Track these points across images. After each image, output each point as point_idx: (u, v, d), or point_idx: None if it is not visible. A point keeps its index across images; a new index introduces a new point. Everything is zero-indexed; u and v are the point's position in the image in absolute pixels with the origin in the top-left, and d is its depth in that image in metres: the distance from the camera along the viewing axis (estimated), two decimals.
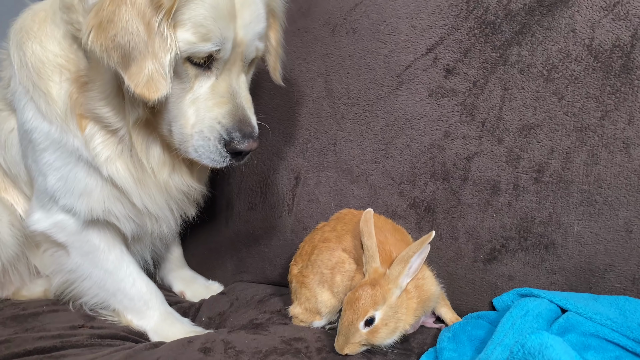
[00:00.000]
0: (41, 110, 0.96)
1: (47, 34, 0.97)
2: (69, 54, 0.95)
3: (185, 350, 0.88)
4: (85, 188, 0.99)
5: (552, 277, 0.95)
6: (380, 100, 1.09)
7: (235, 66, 0.90)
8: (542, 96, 0.95)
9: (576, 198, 0.93)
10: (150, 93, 0.80)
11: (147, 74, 0.80)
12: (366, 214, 0.90)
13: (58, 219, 1.03)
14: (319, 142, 1.17)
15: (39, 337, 0.96)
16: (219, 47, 0.84)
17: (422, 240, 0.85)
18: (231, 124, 0.88)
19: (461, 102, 1.01)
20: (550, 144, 0.94)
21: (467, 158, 1.01)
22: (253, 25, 0.88)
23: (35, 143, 0.99)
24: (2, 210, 1.13)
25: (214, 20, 0.82)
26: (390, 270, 0.84)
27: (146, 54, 0.79)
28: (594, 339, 0.80)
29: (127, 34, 0.77)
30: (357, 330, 0.81)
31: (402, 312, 0.84)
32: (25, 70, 0.97)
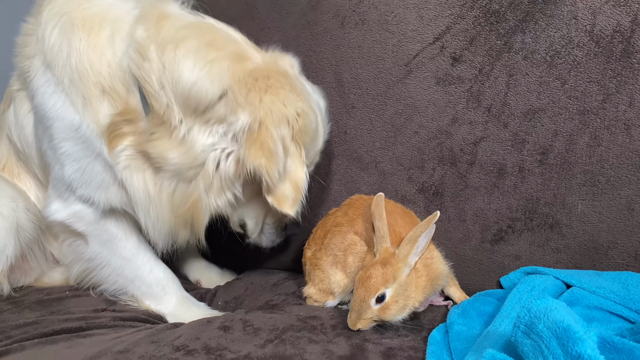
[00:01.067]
0: (76, 107, 0.97)
1: (98, 45, 0.97)
2: (117, 86, 0.96)
3: (205, 328, 0.92)
4: (102, 182, 1.01)
5: (557, 255, 0.98)
6: (389, 89, 1.12)
7: None
8: (546, 81, 0.98)
9: (580, 179, 0.96)
10: (291, 208, 0.97)
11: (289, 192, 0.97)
12: (377, 197, 0.94)
13: (76, 209, 1.05)
14: (330, 131, 1.19)
15: (64, 319, 1.00)
16: (311, 170, 1.03)
17: (428, 220, 0.88)
18: None
19: (467, 89, 1.05)
20: (554, 127, 0.98)
21: (474, 143, 1.04)
22: (321, 146, 1.07)
23: (56, 132, 1.00)
24: (18, 196, 1.16)
25: (316, 154, 1.05)
26: (399, 250, 0.87)
27: (286, 177, 0.95)
28: (598, 311, 0.84)
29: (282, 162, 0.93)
30: (368, 306, 0.85)
31: (412, 289, 0.87)
32: (63, 62, 0.98)
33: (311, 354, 0.81)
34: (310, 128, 0.95)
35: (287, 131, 0.92)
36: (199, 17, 1.00)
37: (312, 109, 0.97)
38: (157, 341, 0.87)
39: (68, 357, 0.82)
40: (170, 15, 0.97)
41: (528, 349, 0.59)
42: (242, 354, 0.81)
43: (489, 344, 0.73)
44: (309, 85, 1.04)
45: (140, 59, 0.92)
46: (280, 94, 0.92)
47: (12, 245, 1.12)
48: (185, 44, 0.92)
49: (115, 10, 1.00)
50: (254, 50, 0.98)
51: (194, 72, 0.91)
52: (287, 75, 0.96)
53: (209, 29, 0.97)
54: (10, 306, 1.08)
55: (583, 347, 0.53)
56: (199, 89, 0.90)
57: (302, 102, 0.94)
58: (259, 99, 0.90)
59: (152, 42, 0.92)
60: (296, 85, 0.96)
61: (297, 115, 0.92)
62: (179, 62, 0.91)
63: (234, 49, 0.95)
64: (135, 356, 0.82)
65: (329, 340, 0.85)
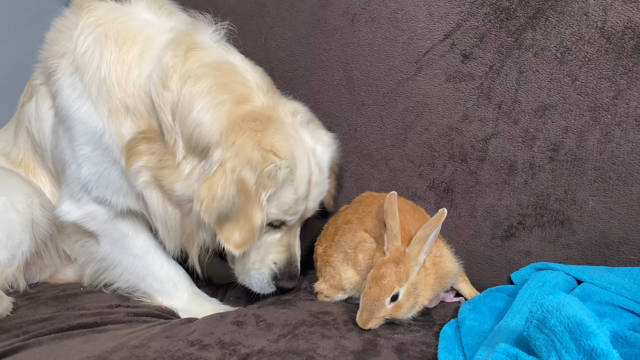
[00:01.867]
0: (102, 116, 1.00)
1: (127, 62, 0.99)
2: (139, 106, 0.99)
3: (219, 323, 0.93)
4: (120, 188, 1.04)
5: (568, 251, 0.99)
6: (399, 86, 1.13)
7: (296, 225, 1.06)
8: (557, 78, 0.98)
9: (591, 175, 0.96)
10: (237, 247, 0.96)
11: (237, 232, 0.95)
12: (390, 196, 0.94)
13: (90, 209, 1.07)
14: (340, 129, 1.20)
15: (80, 314, 1.01)
16: (293, 218, 1.01)
17: (437, 218, 0.89)
18: (284, 267, 1.05)
19: (478, 86, 1.05)
20: (564, 124, 0.98)
21: (485, 139, 1.05)
22: (319, 198, 1.05)
23: (77, 134, 1.03)
24: (33, 192, 1.18)
25: (295, 202, 0.98)
26: (409, 249, 0.88)
27: (240, 217, 0.94)
28: (609, 307, 0.84)
29: (231, 204, 0.92)
30: (382, 306, 0.85)
31: (421, 287, 0.88)
32: (92, 71, 1.00)
33: (324, 349, 0.82)
34: (280, 174, 0.93)
35: (250, 174, 0.91)
36: (226, 53, 1.02)
37: (293, 156, 0.95)
38: (171, 336, 0.88)
39: (85, 352, 0.83)
40: (200, 47, 0.99)
41: (541, 343, 0.59)
42: (256, 349, 0.82)
43: (501, 339, 0.73)
44: (311, 133, 1.02)
45: (161, 87, 0.95)
46: (255, 137, 0.92)
47: (28, 242, 1.13)
48: (202, 82, 0.94)
49: (150, 29, 1.02)
50: (262, 94, 0.99)
51: (200, 113, 0.93)
52: (276, 120, 0.96)
53: (228, 70, 0.98)
54: (26, 302, 1.10)
55: (596, 341, 0.53)
56: (201, 130, 0.93)
57: (281, 147, 0.93)
58: (233, 140, 0.91)
59: (175, 72, 0.95)
60: (283, 131, 0.95)
61: (261, 160, 0.91)
62: (192, 100, 0.94)
63: (241, 92, 0.96)
64: (151, 351, 0.83)
65: (342, 336, 0.86)
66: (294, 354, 0.80)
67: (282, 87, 1.27)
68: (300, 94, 1.26)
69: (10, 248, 1.11)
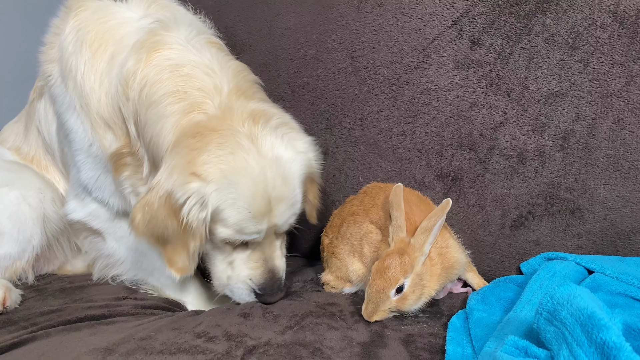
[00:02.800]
0: (86, 129, 0.99)
1: (98, 70, 0.96)
2: (116, 119, 0.96)
3: (226, 316, 0.93)
4: (115, 191, 1.04)
5: (578, 241, 0.97)
6: (407, 74, 1.11)
7: (269, 238, 0.96)
8: (567, 64, 0.96)
9: (602, 163, 0.94)
10: (178, 272, 0.92)
11: (178, 256, 0.91)
12: (396, 187, 0.93)
13: (92, 208, 1.08)
14: (347, 118, 1.19)
15: (87, 306, 1.01)
16: (254, 237, 0.92)
17: (442, 208, 0.87)
18: (262, 282, 0.96)
19: (487, 73, 1.03)
20: (575, 111, 0.96)
21: (494, 127, 1.03)
22: (287, 212, 0.93)
23: (73, 141, 1.03)
24: (45, 187, 1.18)
25: (250, 220, 0.88)
26: (414, 239, 0.87)
27: (178, 242, 0.89)
28: (621, 297, 0.83)
29: (164, 227, 0.88)
30: (387, 298, 0.85)
31: (427, 278, 0.87)
32: (73, 82, 0.98)
33: (331, 340, 0.81)
34: (211, 199, 0.84)
35: (177, 201, 0.84)
36: (194, 52, 0.92)
37: (229, 176, 0.84)
38: (178, 328, 0.88)
39: (92, 344, 0.84)
40: (165, 47, 0.91)
41: (551, 336, 0.58)
42: (263, 341, 0.82)
43: (510, 331, 0.72)
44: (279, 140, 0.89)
45: (124, 98, 0.92)
46: (189, 157, 0.84)
47: (39, 236, 1.14)
48: (156, 89, 0.88)
49: (125, 27, 0.97)
50: (219, 97, 0.89)
51: (153, 125, 0.88)
52: (223, 132, 0.85)
53: (187, 74, 0.89)
54: (34, 294, 1.10)
55: (608, 335, 0.52)
56: (154, 144, 0.89)
57: (212, 168, 0.84)
58: (170, 161, 0.85)
59: (135, 80, 0.90)
60: (229, 145, 0.84)
61: (184, 187, 0.83)
62: (146, 110, 0.89)
63: (193, 99, 0.88)
64: (158, 342, 0.83)
65: (349, 327, 0.86)
66: (301, 345, 0.80)
67: (287, 75, 1.26)
68: (306, 83, 1.24)
69: (21, 242, 1.12)
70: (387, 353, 0.78)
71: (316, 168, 0.99)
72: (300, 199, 0.95)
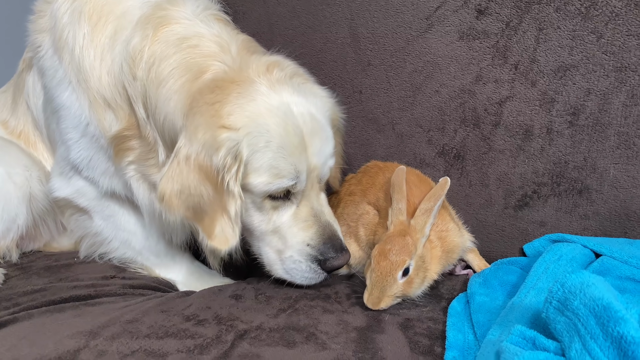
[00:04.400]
0: (83, 106, 0.93)
1: (99, 45, 0.90)
2: (118, 99, 0.90)
3: (216, 297, 0.90)
4: (107, 170, 0.99)
5: (585, 222, 0.94)
6: (408, 45, 1.06)
7: (313, 189, 0.90)
8: (580, 35, 0.92)
9: (613, 141, 0.90)
10: (223, 244, 0.85)
11: (219, 226, 0.84)
12: (399, 170, 0.89)
13: (79, 186, 1.04)
14: (344, 91, 1.15)
15: (73, 286, 0.98)
16: (294, 181, 0.85)
17: (440, 188, 0.84)
18: (322, 242, 0.88)
19: (493, 44, 0.99)
20: (587, 86, 0.92)
21: (499, 102, 0.99)
22: (324, 149, 0.88)
23: (63, 118, 0.98)
24: (32, 165, 1.14)
25: (285, 158, 0.83)
26: (414, 221, 0.83)
27: (216, 209, 0.83)
28: (630, 282, 0.80)
29: (198, 196, 0.82)
30: (395, 281, 0.80)
31: (428, 261, 0.84)
32: (69, 55, 0.92)
33: (325, 325, 0.78)
34: (244, 147, 0.80)
35: (208, 159, 0.80)
36: (201, 25, 0.89)
37: (256, 117, 0.82)
38: (166, 310, 0.85)
39: (76, 326, 0.80)
40: (172, 22, 0.88)
41: (562, 327, 0.55)
42: (254, 325, 0.79)
43: (515, 318, 0.69)
44: (294, 88, 0.87)
45: (131, 77, 0.87)
46: (211, 112, 0.80)
47: (24, 215, 1.11)
48: (165, 64, 0.84)
49: (127, 1, 0.92)
50: (228, 56, 0.86)
51: (165, 101, 0.84)
52: (242, 83, 0.83)
53: (194, 45, 0.86)
54: (18, 272, 1.06)
55: (626, 328, 0.48)
56: (169, 122, 0.84)
57: (238, 115, 0.81)
58: (189, 124, 0.81)
59: (142, 57, 0.85)
60: (249, 93, 0.83)
61: (214, 141, 0.79)
62: (157, 88, 0.84)
63: (200, 64, 0.85)
64: (145, 326, 0.80)
65: (344, 310, 0.83)
66: (294, 330, 0.77)
67: (282, 45, 1.19)
68: (302, 53, 1.19)
69: (5, 221, 1.08)
70: (385, 339, 0.75)
71: (339, 114, 0.97)
72: (333, 141, 0.91)
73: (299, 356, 0.71)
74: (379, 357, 0.70)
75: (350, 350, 0.72)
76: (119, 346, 0.75)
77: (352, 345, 0.73)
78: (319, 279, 0.90)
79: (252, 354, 0.71)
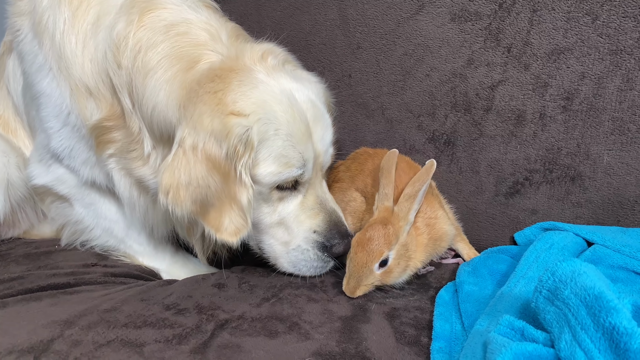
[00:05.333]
0: (64, 94, 0.90)
1: (81, 32, 0.87)
2: (101, 88, 0.87)
3: (199, 286, 0.87)
4: (88, 160, 0.96)
5: (578, 210, 0.92)
6: (399, 27, 1.03)
7: (317, 177, 0.89)
8: (574, 17, 0.89)
9: (607, 127, 0.88)
10: (233, 236, 0.81)
11: (227, 218, 0.80)
12: (391, 153, 0.88)
13: (59, 173, 1.01)
14: (333, 75, 1.12)
15: (52, 274, 0.95)
16: (302, 170, 0.84)
17: (426, 171, 0.82)
18: (328, 229, 0.88)
19: (486, 26, 0.96)
20: (581, 69, 0.89)
21: (491, 87, 0.96)
22: (326, 136, 0.88)
23: (43, 106, 0.94)
24: (10, 151, 1.11)
25: (294, 146, 0.81)
26: (398, 207, 0.81)
27: (224, 200, 0.79)
28: (622, 271, 0.78)
29: (206, 187, 0.77)
30: (371, 272, 0.78)
31: (412, 249, 0.82)
32: (50, 41, 0.88)
33: (310, 314, 0.76)
34: (254, 134, 0.77)
35: (217, 147, 0.76)
36: (189, 10, 0.86)
37: (264, 104, 0.80)
38: (147, 299, 0.83)
39: (51, 315, 0.78)
40: (158, 6, 0.84)
41: (551, 317, 0.52)
42: (236, 314, 0.76)
43: (504, 308, 0.67)
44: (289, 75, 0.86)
45: (115, 65, 0.83)
46: (215, 100, 0.77)
47: (1, 202, 1.07)
48: (153, 53, 0.80)
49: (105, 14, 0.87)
50: (221, 45, 0.84)
51: (154, 92, 0.80)
52: (240, 70, 0.81)
53: (183, 33, 0.83)
54: None
55: (618, 318, 0.46)
56: (159, 113, 0.80)
57: (246, 102, 0.78)
58: (191, 113, 0.77)
59: (127, 45, 0.81)
60: (250, 81, 0.80)
61: (223, 128, 0.76)
62: (144, 77, 0.81)
63: (191, 55, 0.82)
64: (123, 315, 0.77)
65: (330, 299, 0.81)
66: (277, 319, 0.75)
67: (270, 27, 1.17)
68: (290, 36, 1.16)
69: None
70: (370, 328, 0.73)
71: (330, 99, 0.97)
72: (330, 122, 0.90)
73: (281, 346, 0.69)
74: (363, 348, 0.68)
75: (334, 341, 0.70)
76: (94, 336, 0.72)
77: (336, 335, 0.71)
78: (327, 267, 0.89)
79: (232, 344, 0.69)
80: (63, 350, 0.69)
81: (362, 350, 0.68)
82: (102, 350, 0.69)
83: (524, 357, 0.50)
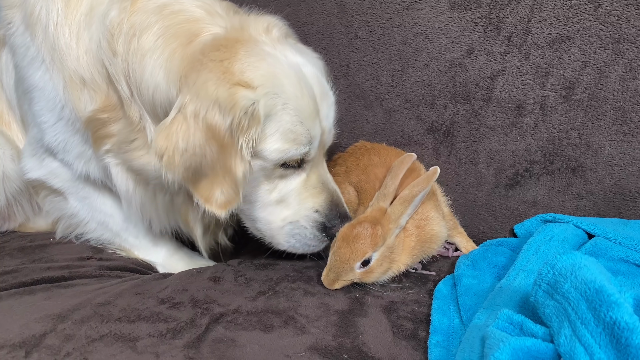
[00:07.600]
0: (57, 87, 0.88)
1: (74, 23, 0.85)
2: (96, 78, 0.85)
3: (195, 279, 0.86)
4: (82, 153, 0.94)
5: (578, 202, 0.90)
6: (397, 15, 1.01)
7: (320, 156, 0.88)
8: (576, 4, 0.87)
9: (609, 117, 0.86)
10: (221, 207, 0.78)
11: (218, 189, 0.78)
12: (407, 156, 0.86)
13: (52, 167, 1.00)
14: (331, 65, 1.09)
15: (46, 267, 0.94)
16: (309, 147, 0.82)
17: (427, 178, 0.80)
18: (329, 210, 0.87)
19: (486, 15, 0.94)
20: (582, 58, 0.87)
21: (491, 76, 0.94)
22: (330, 114, 0.87)
23: (36, 100, 0.92)
24: (4, 143, 1.10)
25: (301, 123, 0.79)
26: (391, 209, 0.79)
27: (218, 171, 0.77)
28: (624, 264, 0.76)
29: (201, 155, 0.75)
30: (351, 269, 0.77)
31: (398, 252, 0.80)
32: (42, 33, 0.87)
33: (306, 308, 0.75)
34: (261, 107, 0.75)
35: (220, 117, 0.73)
36: None
37: (274, 77, 0.77)
38: (141, 292, 0.82)
39: (44, 309, 0.77)
40: None
41: (551, 311, 0.51)
42: (231, 308, 0.75)
43: (503, 302, 0.66)
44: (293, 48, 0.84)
45: (110, 53, 0.80)
46: (220, 68, 0.74)
47: None
48: (147, 35, 0.78)
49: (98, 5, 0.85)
50: (220, 18, 0.82)
51: (153, 73, 0.78)
52: (246, 41, 0.78)
53: (177, 11, 0.81)
54: None
55: (619, 313, 0.45)
56: (160, 93, 0.78)
57: (255, 72, 0.76)
58: (194, 80, 0.75)
59: (121, 31, 0.79)
60: (258, 52, 0.78)
61: (230, 98, 0.73)
62: (141, 60, 0.78)
63: (189, 30, 0.79)
64: (117, 309, 0.76)
65: (326, 293, 0.80)
66: (273, 313, 0.74)
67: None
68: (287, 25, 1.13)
69: None
70: (367, 322, 0.72)
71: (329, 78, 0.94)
72: (334, 99, 0.89)
73: (276, 341, 0.68)
74: (359, 342, 0.67)
75: (330, 335, 0.69)
76: (87, 330, 0.71)
77: (332, 329, 0.70)
78: (320, 247, 0.88)
79: (227, 339, 0.68)
80: (55, 345, 0.68)
81: (358, 345, 0.67)
82: (94, 344, 0.68)
83: (523, 353, 0.49)
